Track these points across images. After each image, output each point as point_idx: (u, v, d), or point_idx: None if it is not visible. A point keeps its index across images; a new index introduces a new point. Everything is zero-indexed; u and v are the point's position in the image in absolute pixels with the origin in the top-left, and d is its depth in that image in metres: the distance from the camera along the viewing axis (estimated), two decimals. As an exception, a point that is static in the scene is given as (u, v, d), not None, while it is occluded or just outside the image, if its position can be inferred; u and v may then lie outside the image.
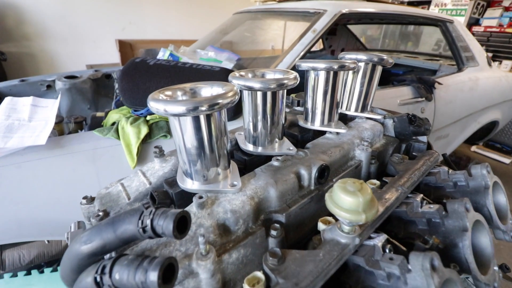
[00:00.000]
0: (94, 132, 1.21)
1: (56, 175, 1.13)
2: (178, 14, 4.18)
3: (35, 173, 1.09)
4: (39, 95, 1.84)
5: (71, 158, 1.13)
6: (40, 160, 1.10)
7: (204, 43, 2.30)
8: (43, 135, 1.13)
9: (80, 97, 2.01)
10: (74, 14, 3.51)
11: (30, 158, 1.08)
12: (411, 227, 0.48)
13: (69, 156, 1.13)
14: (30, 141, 1.10)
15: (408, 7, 2.14)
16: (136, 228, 0.34)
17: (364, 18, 2.67)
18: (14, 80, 1.89)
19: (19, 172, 1.07)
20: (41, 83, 1.90)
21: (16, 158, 1.06)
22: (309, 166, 0.50)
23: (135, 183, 0.53)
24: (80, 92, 2.00)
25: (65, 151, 1.13)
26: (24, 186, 1.10)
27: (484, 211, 0.50)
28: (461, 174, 0.54)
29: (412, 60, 2.96)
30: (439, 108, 2.09)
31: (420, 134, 0.66)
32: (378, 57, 0.67)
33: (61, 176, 1.14)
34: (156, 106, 0.38)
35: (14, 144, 1.08)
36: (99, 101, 2.12)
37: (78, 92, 1.98)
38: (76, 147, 1.15)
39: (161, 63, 1.36)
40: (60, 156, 1.11)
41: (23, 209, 1.15)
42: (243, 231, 0.41)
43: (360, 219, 0.33)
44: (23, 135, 1.16)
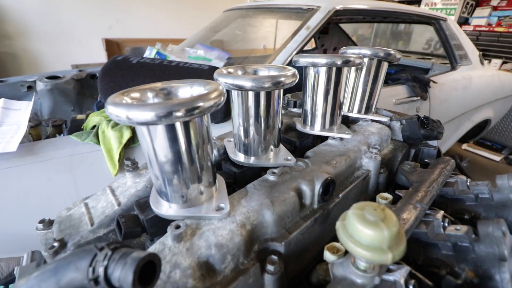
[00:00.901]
0: (71, 137, 1.10)
1: (29, 185, 1.02)
2: (166, 12, 4.05)
3: (4, 183, 0.98)
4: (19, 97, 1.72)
5: (45, 166, 1.03)
6: (10, 168, 0.99)
7: (193, 41, 2.20)
8: (14, 141, 1.02)
9: (62, 99, 1.89)
10: (59, 12, 3.35)
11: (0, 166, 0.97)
12: (433, 252, 0.41)
13: (43, 164, 1.03)
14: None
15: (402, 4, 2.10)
16: (86, 279, 0.25)
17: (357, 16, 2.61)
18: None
19: (-14, 182, 0.96)
20: (21, 84, 1.78)
21: (-17, 166, 0.95)
22: (312, 181, 0.42)
23: (101, 203, 0.44)
24: (63, 93, 1.88)
25: (38, 158, 1.02)
26: (-9, 197, 0.99)
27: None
28: (484, 185, 0.47)
29: (404, 59, 2.93)
30: (434, 107, 2.06)
31: (432, 138, 0.59)
32: (385, 52, 0.60)
33: (34, 186, 1.03)
34: (115, 113, 0.29)
35: (-19, 151, 0.96)
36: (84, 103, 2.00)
37: (61, 93, 1.87)
38: (51, 153, 1.04)
39: (145, 61, 1.26)
40: (33, 164, 1.01)
41: (-9, 223, 1.03)
42: (232, 269, 0.32)
43: (385, 259, 0.25)
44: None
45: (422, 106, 1.99)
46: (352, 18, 2.95)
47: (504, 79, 2.55)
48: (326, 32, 3.29)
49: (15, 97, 1.66)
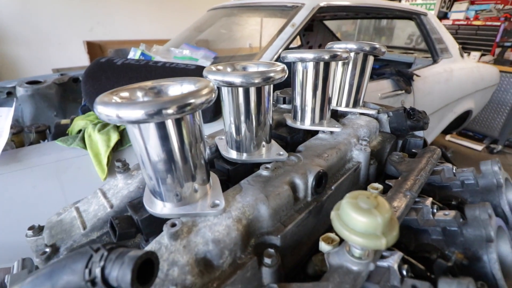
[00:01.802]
0: (56, 142, 1.07)
1: (14, 193, 0.99)
2: (149, 13, 3.98)
3: (-13, 192, 0.95)
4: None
5: (31, 173, 1.00)
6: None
7: (178, 41, 2.18)
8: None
9: (45, 104, 1.83)
10: (37, 15, 3.23)
11: (-19, 175, 0.93)
12: (423, 237, 0.42)
13: (28, 171, 1.00)
14: (-21, 156, 0.95)
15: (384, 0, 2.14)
16: (82, 280, 0.24)
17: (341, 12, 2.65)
18: (-31, 88, 1.68)
19: (-33, 192, 0.92)
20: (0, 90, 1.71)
21: (-36, 176, 0.91)
22: (305, 174, 0.42)
23: (93, 206, 0.43)
24: (45, 98, 1.82)
25: (23, 166, 0.99)
26: (-26, 208, 0.95)
27: (497, 212, 0.46)
28: (469, 171, 0.49)
29: (388, 54, 3.00)
30: (418, 99, 2.11)
31: (418, 129, 0.61)
32: (370, 46, 0.61)
33: (20, 194, 1.00)
34: (105, 112, 0.28)
35: (-40, 160, 0.92)
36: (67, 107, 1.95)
37: (43, 98, 1.81)
38: (36, 160, 1.01)
39: (130, 62, 1.24)
40: (17, 171, 0.97)
41: (-26, 234, 0.99)
42: (230, 264, 0.32)
43: (379, 244, 0.26)
44: (-29, 150, 1.00)
45: (407, 99, 2.04)
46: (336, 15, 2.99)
47: (483, 71, 2.65)
48: (311, 29, 3.33)
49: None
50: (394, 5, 2.08)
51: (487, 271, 0.35)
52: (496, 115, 3.41)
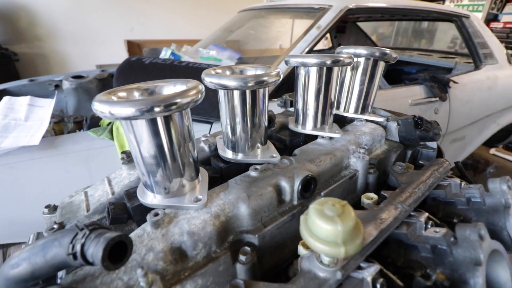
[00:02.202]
0: (88, 133, 1.18)
1: (49, 176, 1.11)
2: (184, 14, 4.17)
3: (28, 173, 1.07)
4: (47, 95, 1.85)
5: (64, 159, 1.11)
6: (33, 160, 1.08)
7: (207, 42, 2.26)
8: (37, 135, 1.11)
9: (86, 97, 2.02)
10: (85, 16, 3.56)
11: (24, 158, 1.06)
12: (413, 254, 0.40)
13: (62, 156, 1.11)
14: (24, 141, 1.08)
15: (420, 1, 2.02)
16: (66, 254, 0.28)
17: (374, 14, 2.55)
18: (23, 80, 1.91)
19: (12, 172, 1.05)
20: (49, 83, 1.92)
21: (10, 158, 1.05)
22: (292, 177, 0.43)
23: (98, 192, 0.48)
24: (86, 91, 2.01)
25: (58, 152, 1.10)
26: (17, 186, 1.08)
27: (503, 235, 0.42)
28: (475, 188, 0.46)
29: (426, 58, 2.81)
30: (454, 108, 1.96)
31: (428, 140, 0.58)
32: (380, 52, 0.59)
33: (54, 177, 1.12)
34: (100, 109, 0.32)
35: (9, 144, 1.06)
36: (105, 101, 2.11)
37: (84, 91, 1.99)
38: (69, 147, 1.12)
39: (157, 61, 1.32)
40: (53, 156, 1.09)
41: (17, 209, 1.13)
42: (204, 256, 0.34)
43: (338, 253, 0.26)
44: (19, 135, 1.14)
45: (441, 107, 1.91)
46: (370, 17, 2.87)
47: (537, 79, 2.37)
48: (343, 31, 3.24)
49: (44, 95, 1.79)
50: (431, 6, 1.95)
51: (472, 296, 0.32)
52: (551, 130, 3.02)
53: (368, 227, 0.38)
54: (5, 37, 3.14)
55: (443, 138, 2.07)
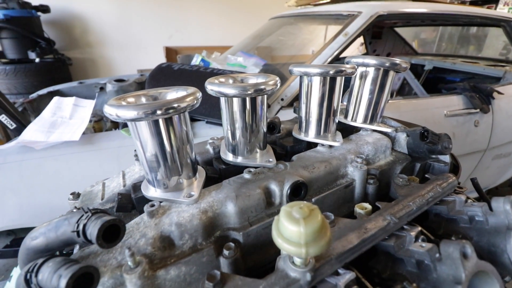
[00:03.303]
0: (121, 131, 1.30)
1: (86, 169, 1.24)
2: (219, 22, 4.36)
3: (68, 165, 1.21)
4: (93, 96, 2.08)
5: (99, 154, 1.23)
6: (73, 154, 1.22)
7: (237, 49, 2.34)
8: (78, 132, 1.25)
9: (126, 99, 2.21)
10: (129, 24, 3.91)
11: (65, 152, 1.21)
12: (399, 267, 0.39)
13: (97, 152, 1.24)
14: (67, 136, 1.22)
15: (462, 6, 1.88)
16: (71, 231, 0.33)
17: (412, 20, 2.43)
18: (74, 82, 2.17)
19: (56, 163, 1.19)
20: (95, 85, 2.14)
21: (55, 151, 1.19)
22: (282, 182, 0.45)
23: (114, 183, 0.54)
24: (126, 94, 2.19)
25: (94, 148, 1.23)
26: (59, 176, 1.22)
27: (503, 258, 0.39)
28: (478, 207, 0.43)
29: (470, 66, 2.59)
30: (498, 121, 1.79)
31: (437, 153, 0.55)
32: (390, 62, 0.58)
33: (90, 170, 1.24)
34: (108, 111, 0.37)
35: (55, 138, 1.21)
36: (143, 104, 2.30)
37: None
38: (104, 144, 1.24)
39: (185, 68, 1.42)
40: (90, 152, 1.22)
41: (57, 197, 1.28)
42: (190, 247, 0.38)
43: (299, 253, 0.28)
44: (63, 131, 1.30)
45: (483, 119, 1.76)
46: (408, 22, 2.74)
47: None
48: (379, 37, 3.13)
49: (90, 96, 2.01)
50: (474, 11, 1.81)
51: (450, 316, 0.31)
52: None
53: (350, 235, 0.38)
54: (61, 43, 3.58)
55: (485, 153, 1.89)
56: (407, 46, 3.24)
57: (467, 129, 1.72)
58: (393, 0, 1.87)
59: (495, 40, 3.76)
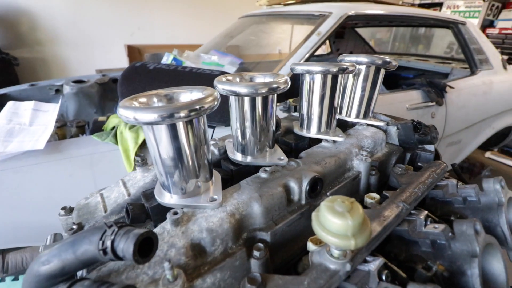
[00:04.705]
0: (92, 137, 1.20)
1: (54, 180, 1.12)
2: (185, 19, 4.22)
3: (33, 178, 1.08)
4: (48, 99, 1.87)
5: (69, 163, 1.12)
6: (38, 164, 1.09)
7: (208, 47, 2.29)
8: (42, 139, 1.13)
9: (86, 101, 2.03)
10: (85, 20, 3.59)
11: (29, 162, 1.08)
12: (414, 249, 0.43)
13: (66, 161, 1.12)
14: (29, 145, 1.09)
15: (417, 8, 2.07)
16: (97, 249, 0.30)
17: (372, 21, 2.60)
18: (24, 85, 1.92)
19: (17, 176, 1.06)
20: (50, 87, 1.93)
21: (15, 162, 1.06)
22: (300, 178, 0.46)
23: (114, 194, 0.50)
24: (87, 96, 2.02)
25: (63, 156, 1.12)
26: (21, 191, 1.09)
27: (497, 231, 0.45)
28: (471, 188, 0.49)
29: (423, 63, 2.87)
30: (450, 113, 2.01)
31: (427, 143, 0.61)
32: (382, 60, 0.63)
33: (59, 181, 1.13)
34: (125, 114, 0.34)
35: (14, 148, 1.08)
36: (106, 106, 2.14)
37: (85, 96, 2.00)
38: (74, 152, 1.14)
39: (161, 67, 1.35)
40: (58, 161, 1.10)
41: (20, 214, 1.14)
42: (221, 252, 0.37)
43: (348, 245, 0.29)
44: (23, 140, 1.16)
45: (438, 111, 1.95)
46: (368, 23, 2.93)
47: (530, 84, 2.43)
48: (341, 36, 3.29)
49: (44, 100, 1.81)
50: (429, 13, 2.00)
51: (469, 286, 0.35)
52: (545, 133, 3.07)
53: (373, 223, 0.40)
54: (5, 42, 3.16)
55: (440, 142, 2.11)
56: (366, 45, 3.47)
57: (425, 120, 1.90)
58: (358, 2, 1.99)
59: (440, 40, 4.21)
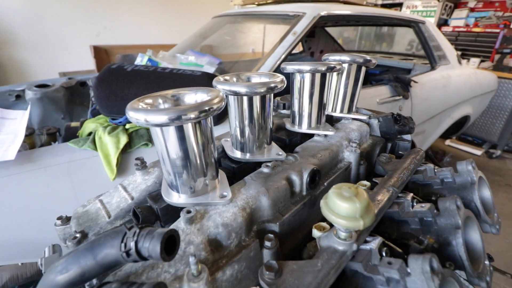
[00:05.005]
0: (69, 144, 1.14)
1: (28, 192, 1.05)
2: (155, 18, 4.09)
3: (4, 191, 1.01)
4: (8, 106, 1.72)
5: (44, 173, 1.06)
6: (10, 176, 1.02)
7: (183, 47, 2.26)
8: (12, 149, 1.05)
9: (52, 107, 1.90)
10: (45, 20, 3.34)
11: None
12: (404, 227, 0.48)
13: (41, 170, 1.06)
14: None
15: (383, 9, 2.22)
16: (119, 252, 0.31)
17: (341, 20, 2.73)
18: (-21, 91, 1.75)
19: (-14, 190, 0.98)
20: (9, 93, 1.78)
21: (-17, 175, 0.97)
22: (300, 171, 0.49)
23: (115, 199, 0.49)
24: (53, 101, 1.89)
25: (37, 166, 1.05)
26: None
27: (471, 206, 0.51)
28: (447, 170, 0.55)
29: (388, 60, 3.06)
30: (415, 105, 2.17)
31: (405, 133, 0.67)
32: (363, 58, 0.68)
33: (34, 193, 1.06)
34: (136, 116, 0.35)
35: (-21, 161, 0.99)
36: (74, 111, 2.02)
37: (51, 101, 1.87)
38: (49, 160, 1.07)
39: (140, 68, 1.31)
40: (31, 171, 1.03)
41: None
42: (236, 245, 0.39)
43: (358, 225, 0.32)
44: (-11, 151, 1.07)
45: (405, 104, 2.10)
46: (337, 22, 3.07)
47: (481, 77, 2.70)
48: (312, 35, 3.41)
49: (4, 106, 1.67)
50: (393, 13, 2.15)
51: (455, 254, 0.40)
52: (495, 120, 3.45)
53: (369, 208, 0.44)
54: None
55: (411, 133, 2.28)
56: (336, 44, 3.62)
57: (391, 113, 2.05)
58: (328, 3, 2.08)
59: (402, 38, 4.52)
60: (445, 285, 0.33)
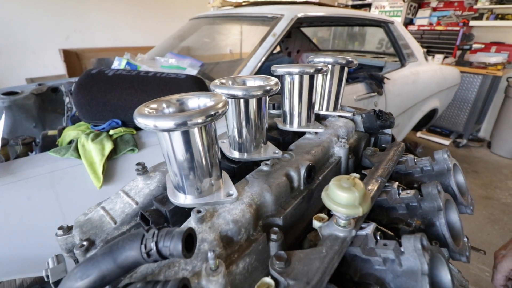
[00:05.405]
0: (49, 153, 1.09)
1: (8, 206, 1.00)
2: (128, 20, 3.96)
3: (-19, 206, 0.95)
4: (-29, 116, 1.60)
5: (25, 185, 1.01)
6: (-14, 191, 0.96)
7: (161, 50, 2.23)
8: (-14, 162, 0.99)
9: (23, 115, 1.80)
10: (9, 24, 3.12)
11: (-26, 190, 0.94)
12: (392, 213, 0.53)
13: (22, 183, 1.01)
14: (-30, 171, 0.95)
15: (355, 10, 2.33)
16: (139, 254, 0.32)
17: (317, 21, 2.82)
18: None
19: (-40, 207, 0.92)
20: None
21: (-44, 192, 0.92)
22: (297, 167, 0.52)
23: (118, 205, 0.50)
24: (23, 109, 1.79)
25: (16, 178, 1.00)
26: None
27: (449, 190, 0.58)
28: (426, 160, 0.61)
29: (361, 58, 3.21)
30: (389, 100, 2.30)
31: (386, 127, 0.73)
32: (345, 60, 0.72)
33: (15, 207, 1.01)
34: (145, 122, 0.36)
35: (-51, 176, 0.93)
36: (47, 118, 1.92)
37: (20, 109, 1.77)
38: (29, 171, 1.03)
39: (122, 73, 1.28)
40: (11, 183, 0.99)
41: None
42: (246, 240, 0.41)
43: (357, 212, 0.36)
44: (-40, 165, 1.00)
45: (379, 100, 2.22)
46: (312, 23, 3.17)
47: (446, 72, 2.91)
48: (289, 36, 3.49)
49: (-33, 118, 1.55)
50: (364, 14, 2.27)
51: (439, 233, 0.46)
52: (459, 112, 3.73)
53: (362, 197, 0.49)
54: None
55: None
56: (311, 43, 3.73)
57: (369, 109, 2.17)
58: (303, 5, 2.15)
59: (372, 37, 4.75)
60: (434, 260, 0.38)
